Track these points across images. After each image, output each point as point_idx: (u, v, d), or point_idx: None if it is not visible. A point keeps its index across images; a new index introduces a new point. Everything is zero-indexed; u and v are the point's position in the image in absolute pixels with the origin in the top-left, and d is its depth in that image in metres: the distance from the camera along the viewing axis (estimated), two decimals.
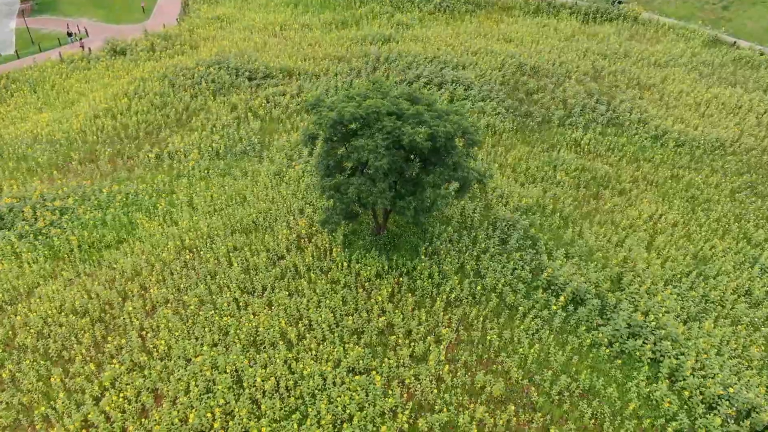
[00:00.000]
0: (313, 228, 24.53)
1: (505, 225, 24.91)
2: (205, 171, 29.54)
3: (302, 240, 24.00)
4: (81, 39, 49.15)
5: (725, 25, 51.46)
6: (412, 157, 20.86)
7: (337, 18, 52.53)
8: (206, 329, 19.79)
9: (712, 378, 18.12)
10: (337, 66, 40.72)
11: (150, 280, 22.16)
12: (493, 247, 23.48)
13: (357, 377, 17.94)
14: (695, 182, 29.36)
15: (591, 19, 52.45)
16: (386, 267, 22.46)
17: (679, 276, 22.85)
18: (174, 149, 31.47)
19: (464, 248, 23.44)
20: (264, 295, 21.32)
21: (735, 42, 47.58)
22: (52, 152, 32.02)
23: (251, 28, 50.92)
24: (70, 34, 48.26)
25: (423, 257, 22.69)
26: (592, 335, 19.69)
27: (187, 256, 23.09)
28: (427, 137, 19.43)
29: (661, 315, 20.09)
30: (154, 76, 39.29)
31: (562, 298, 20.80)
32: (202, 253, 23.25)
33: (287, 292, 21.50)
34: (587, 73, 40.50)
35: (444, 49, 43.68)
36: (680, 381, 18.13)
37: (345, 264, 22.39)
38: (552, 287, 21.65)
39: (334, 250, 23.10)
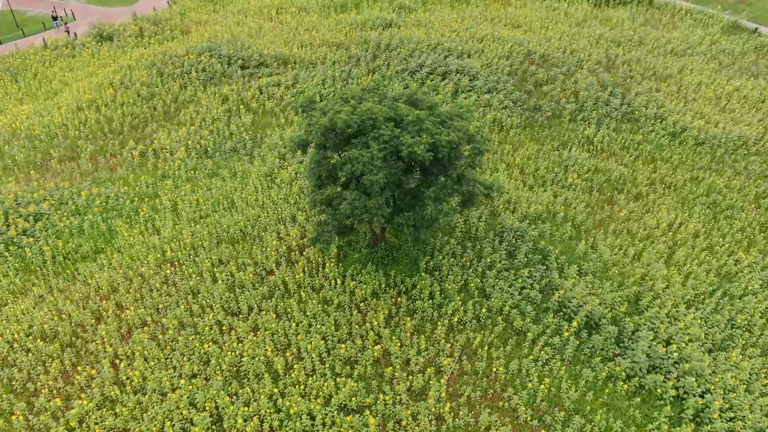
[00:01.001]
0: (305, 238, 22.72)
1: (513, 236, 23.04)
2: (192, 171, 27.63)
3: (293, 252, 22.19)
4: (66, 23, 46.83)
5: (745, 9, 48.79)
6: (412, 166, 18.93)
7: (336, 1, 49.97)
8: (185, 357, 18.11)
9: (742, 420, 16.40)
10: (335, 54, 38.47)
11: (127, 298, 20.44)
12: (500, 262, 21.65)
13: (349, 417, 16.26)
14: (717, 186, 27.34)
15: (603, 2, 49.77)
16: (383, 285, 20.67)
17: (701, 296, 21.01)
18: (160, 146, 29.53)
19: (468, 263, 21.60)
20: (250, 316, 19.59)
21: (756, 28, 45.02)
22: (30, 149, 30.11)
23: (246, 12, 48.48)
24: (55, 18, 45.96)
25: (423, 274, 20.88)
26: (608, 367, 17.94)
27: (168, 271, 21.32)
28: (428, 147, 17.48)
29: (683, 344, 18.29)
30: (142, 65, 37.13)
31: (574, 323, 19.01)
32: (184, 267, 21.47)
33: (275, 314, 19.77)
34: (600, 62, 38.16)
35: (448, 35, 41.32)
36: (707, 424, 16.41)
37: (339, 281, 20.60)
38: (564, 309, 19.85)
39: (327, 264, 21.31)
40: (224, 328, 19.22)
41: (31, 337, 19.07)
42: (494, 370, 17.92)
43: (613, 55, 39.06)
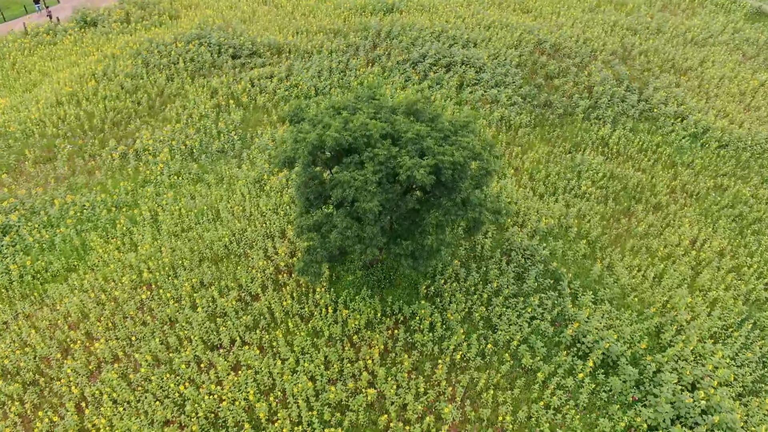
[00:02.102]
0: (295, 257, 20.81)
1: (522, 255, 21.08)
2: (176, 177, 25.60)
3: (281, 274, 20.29)
4: (48, 7, 44.31)
5: None
6: (411, 188, 16.91)
7: None
8: (158, 402, 16.34)
9: None
10: (332, 42, 36.06)
11: (97, 327, 18.63)
12: (507, 287, 19.73)
13: None
14: (743, 195, 25.22)
15: None
16: (379, 313, 18.81)
17: (729, 328, 19.10)
18: (142, 147, 27.44)
19: (473, 288, 19.69)
20: (231, 351, 17.78)
21: None
22: (4, 149, 28.07)
23: None
24: (36, 1, 43.43)
25: (423, 302, 18.98)
26: (628, 417, 16.11)
27: (144, 295, 19.47)
28: (429, 170, 15.43)
29: (711, 390, 16.43)
30: (127, 54, 34.84)
31: (590, 362, 17.14)
32: (162, 291, 19.61)
33: (259, 348, 17.95)
34: (615, 52, 35.69)
35: (453, 21, 38.82)
36: None
37: (330, 309, 18.73)
38: (578, 344, 17.98)
39: (318, 289, 19.42)
40: (203, 365, 17.42)
41: None
42: (500, 418, 16.12)
43: (629, 44, 36.57)
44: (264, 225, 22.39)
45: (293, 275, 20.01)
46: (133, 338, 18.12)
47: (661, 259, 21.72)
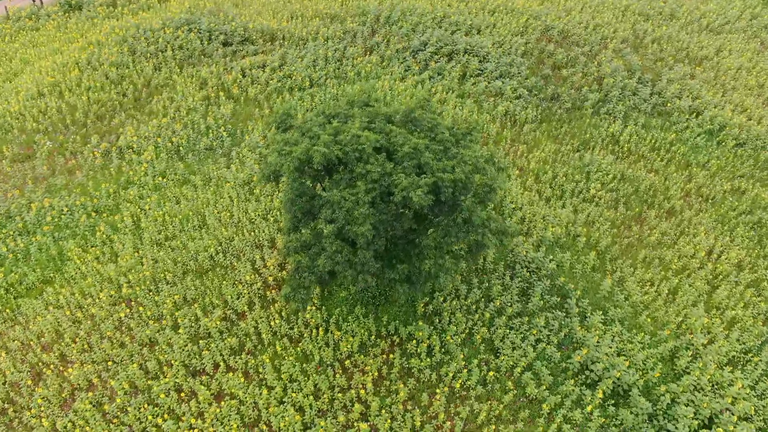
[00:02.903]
0: (285, 270, 19.52)
1: (527, 268, 19.77)
2: (161, 177, 24.16)
3: (270, 289, 19.02)
4: None
5: None
6: (407, 206, 15.52)
7: None
8: None
9: None
10: (329, 28, 34.26)
11: (72, 348, 17.44)
12: (511, 305, 18.46)
13: None
14: (762, 200, 23.77)
15: None
16: (373, 335, 17.58)
17: (749, 352, 17.83)
18: (126, 143, 25.96)
19: (474, 306, 18.41)
20: (215, 377, 16.59)
21: None
22: None
23: None
24: None
25: (421, 323, 17.71)
26: None
27: (123, 313, 18.23)
28: (428, 189, 14.03)
29: (731, 427, 15.23)
30: (112, 41, 33.11)
31: (599, 393, 15.93)
32: (142, 309, 18.36)
33: (244, 375, 16.76)
34: (626, 40, 33.88)
35: (456, 5, 36.88)
36: None
37: (321, 330, 17.49)
38: (586, 371, 16.75)
39: (308, 307, 18.15)
40: (183, 394, 16.24)
41: None
42: None
43: (641, 31, 34.73)
44: (252, 233, 21.04)
45: (282, 288, 18.73)
46: (110, 363, 16.93)
47: (676, 273, 20.37)
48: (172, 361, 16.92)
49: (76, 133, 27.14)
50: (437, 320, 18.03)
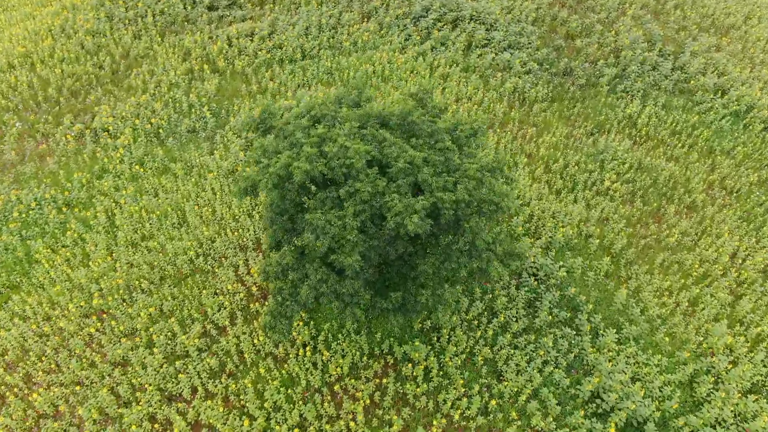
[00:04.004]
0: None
1: (534, 276, 18.13)
2: (138, 165, 22.26)
3: (254, 300, 17.46)
4: None
5: None
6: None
7: None
8: None
9: None
10: None
11: (37, 368, 16.04)
12: (517, 320, 16.92)
13: None
14: None
15: None
16: (366, 354, 16.12)
17: None
18: (101, 125, 23.92)
19: (475, 321, 16.87)
20: (192, 404, 15.22)
21: None
22: None
23: None
24: None
25: (417, 342, 16.19)
26: None
27: (93, 328, 16.74)
28: (425, 213, 12.22)
29: None
30: (88, 4, 30.49)
31: (611, 427, 14.54)
32: (114, 323, 16.85)
33: (223, 401, 15.38)
34: (647, 5, 31.11)
35: None
36: None
37: (309, 349, 16.03)
38: (597, 399, 15.33)
39: (295, 323, 16.63)
40: (158, 425, 14.90)
41: None
42: None
43: None
44: (237, 232, 19.34)
45: (268, 300, 17.19)
46: (78, 387, 15.54)
47: (696, 281, 18.71)
48: (146, 385, 15.52)
49: (48, 112, 25.05)
50: (435, 337, 16.53)
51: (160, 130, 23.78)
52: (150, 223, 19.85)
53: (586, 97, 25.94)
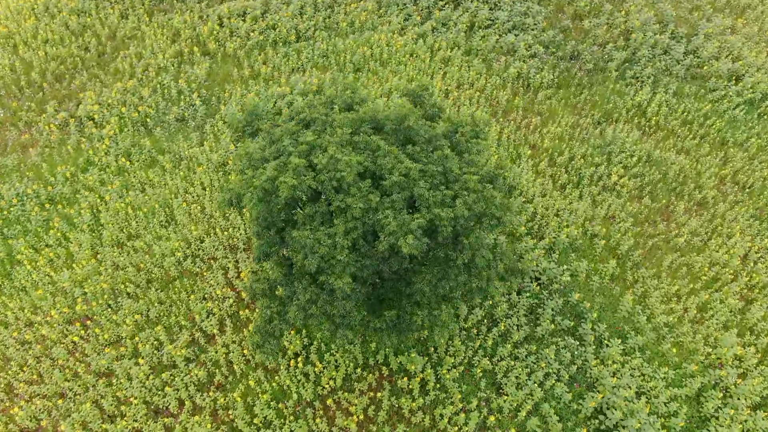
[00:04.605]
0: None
1: (537, 281, 17.37)
2: (124, 158, 21.32)
3: (244, 306, 16.76)
4: None
5: None
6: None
7: None
8: None
9: None
10: None
11: (19, 378, 15.45)
12: (518, 329, 16.23)
13: None
14: None
15: None
16: (360, 365, 15.49)
17: None
18: (86, 113, 22.90)
19: (474, 329, 16.18)
20: (179, 419, 14.65)
21: None
22: None
23: None
24: None
25: (413, 354, 15.52)
26: None
27: (76, 337, 16.09)
28: (421, 232, 11.38)
29: None
30: None
31: None
32: (99, 330, 16.20)
33: (211, 416, 14.81)
34: None
35: None
36: None
37: (301, 360, 15.39)
38: (600, 416, 14.73)
39: (287, 332, 15.93)
40: None
41: None
42: None
43: None
44: (227, 231, 18.55)
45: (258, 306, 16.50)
46: (60, 400, 14.96)
47: (705, 285, 17.93)
48: (132, 398, 14.93)
49: (31, 99, 23.99)
50: (433, 348, 15.85)
51: (148, 119, 22.77)
52: (136, 221, 19.04)
53: (594, 84, 24.77)
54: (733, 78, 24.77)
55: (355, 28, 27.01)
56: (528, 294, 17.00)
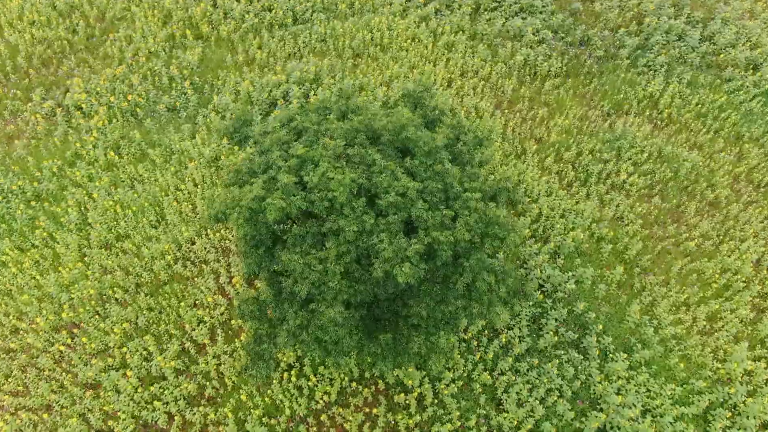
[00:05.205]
0: (255, 286, 16.56)
1: (541, 289, 16.71)
2: (113, 151, 20.49)
3: (236, 315, 16.15)
4: None
5: None
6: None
7: None
8: None
9: None
10: None
11: (4, 389, 14.99)
12: (520, 340, 15.63)
13: None
14: None
15: None
16: (355, 379, 14.96)
17: None
18: (74, 102, 21.98)
19: (474, 341, 15.59)
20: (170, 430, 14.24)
21: None
22: None
23: None
24: None
25: (411, 369, 14.96)
26: None
27: (62, 347, 15.56)
28: (418, 259, 10.65)
29: None
30: None
31: None
32: (86, 340, 15.65)
33: (201, 431, 14.36)
34: None
35: None
36: None
37: (294, 372, 14.86)
38: None
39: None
40: None
41: None
42: None
43: None
44: (218, 233, 17.85)
45: None
46: (46, 414, 14.50)
47: (715, 294, 17.24)
48: (119, 413, 14.46)
49: (17, 85, 23.03)
50: (430, 359, 15.25)
51: (138, 109, 21.85)
52: (125, 221, 18.33)
53: (604, 72, 23.65)
54: (751, 67, 23.64)
55: (354, 10, 25.80)
56: (530, 303, 16.34)
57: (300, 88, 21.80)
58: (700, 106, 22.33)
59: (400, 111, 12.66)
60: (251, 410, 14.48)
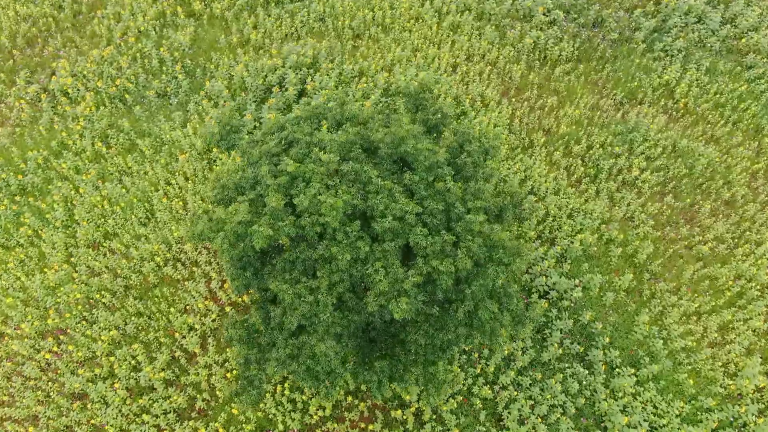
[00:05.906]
0: (247, 294, 15.88)
1: (546, 297, 16.01)
2: (100, 142, 19.58)
3: (228, 320, 15.52)
4: None
5: None
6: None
7: None
8: None
9: None
10: None
11: None
12: (523, 352, 15.02)
13: None
14: None
15: None
16: (351, 392, 14.42)
17: None
18: (60, 86, 20.95)
19: (476, 353, 14.99)
20: None
21: None
22: None
23: None
24: None
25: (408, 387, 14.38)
26: None
27: (48, 354, 15.03)
28: (417, 291, 9.91)
29: None
30: None
31: None
32: (72, 347, 15.09)
33: None
34: None
35: None
36: None
37: (287, 385, 14.33)
38: None
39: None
40: None
41: None
42: None
43: None
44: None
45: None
46: (32, 428, 14.05)
47: (728, 302, 16.52)
48: (108, 427, 14.00)
49: (1, 67, 21.97)
50: (429, 373, 14.67)
51: (126, 95, 20.83)
52: (113, 218, 17.57)
53: (618, 57, 22.40)
54: None
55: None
56: (535, 312, 15.64)
57: (296, 74, 20.69)
58: (718, 95, 21.17)
59: (399, 120, 11.71)
60: (243, 425, 14.00)
